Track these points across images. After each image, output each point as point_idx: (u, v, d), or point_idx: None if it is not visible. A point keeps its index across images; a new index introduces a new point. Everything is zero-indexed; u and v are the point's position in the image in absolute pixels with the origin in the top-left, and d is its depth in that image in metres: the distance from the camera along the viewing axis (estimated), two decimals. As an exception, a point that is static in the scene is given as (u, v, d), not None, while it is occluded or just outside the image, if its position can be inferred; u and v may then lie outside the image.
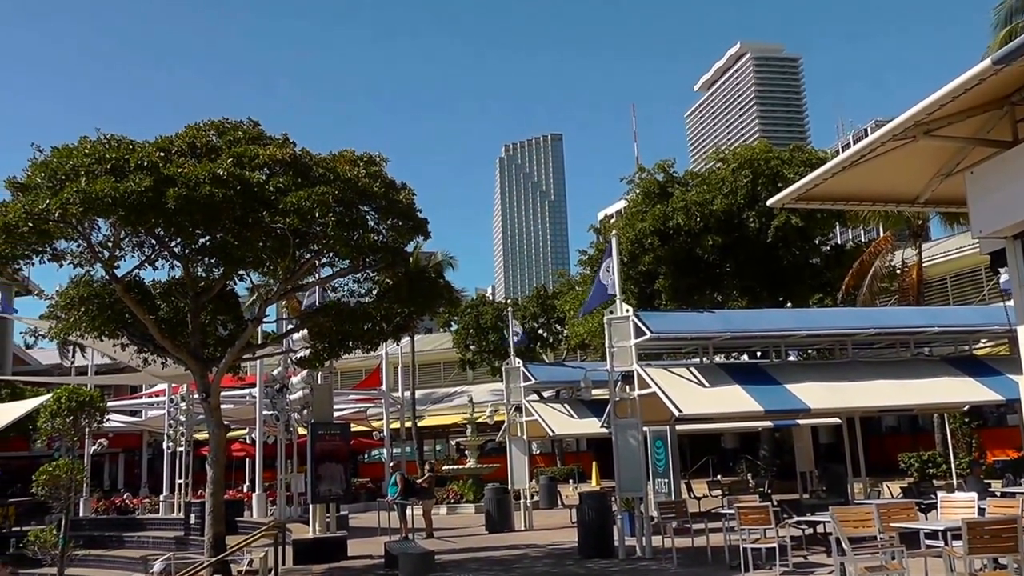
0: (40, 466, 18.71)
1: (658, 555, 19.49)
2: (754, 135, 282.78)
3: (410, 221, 19.94)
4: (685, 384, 19.91)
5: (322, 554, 22.50)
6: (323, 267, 21.64)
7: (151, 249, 19.51)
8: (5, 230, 16.98)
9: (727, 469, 44.56)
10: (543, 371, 32.82)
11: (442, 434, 59.38)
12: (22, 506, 37.62)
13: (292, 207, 17.08)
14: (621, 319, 20.96)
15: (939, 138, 8.45)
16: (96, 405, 18.91)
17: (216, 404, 20.53)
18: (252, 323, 21.62)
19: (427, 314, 24.01)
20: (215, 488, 20.07)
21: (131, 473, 59.76)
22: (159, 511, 35.08)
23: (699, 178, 38.99)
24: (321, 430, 24.10)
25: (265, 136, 19.22)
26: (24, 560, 28.53)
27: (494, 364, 53.16)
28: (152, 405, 44.23)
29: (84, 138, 17.71)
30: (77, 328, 19.61)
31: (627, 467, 20.33)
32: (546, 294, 58.16)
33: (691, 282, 36.92)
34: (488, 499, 29.36)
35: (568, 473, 47.58)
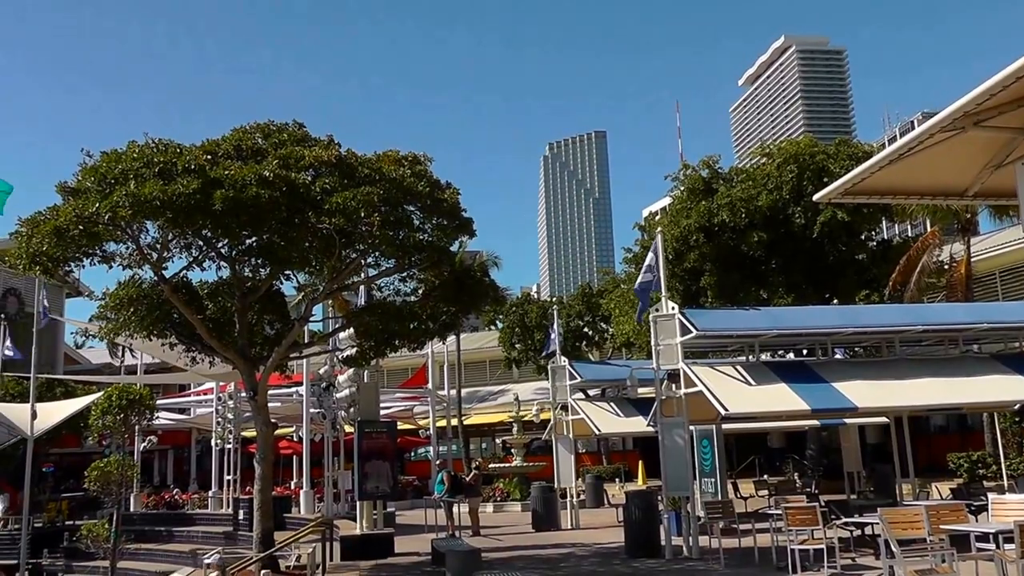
0: (92, 462, 18.98)
1: (705, 555, 19.45)
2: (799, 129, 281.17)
3: (455, 220, 19.99)
4: (731, 382, 19.76)
5: (369, 550, 22.62)
6: (369, 267, 21.70)
7: (199, 250, 19.71)
8: (56, 233, 17.20)
9: (774, 469, 44.25)
10: (589, 369, 32.76)
11: (488, 432, 59.42)
12: (75, 501, 38.31)
13: (338, 207, 17.17)
14: (667, 317, 20.90)
15: (989, 129, 8.34)
16: (145, 403, 19.14)
17: (263, 402, 20.69)
18: (299, 322, 21.76)
19: (472, 313, 24.08)
20: (263, 485, 20.22)
21: (180, 469, 60.29)
22: (208, 507, 35.47)
23: (744, 174, 38.77)
24: (368, 428, 24.23)
25: (310, 138, 19.35)
26: (78, 553, 29.02)
27: (539, 363, 53.11)
28: (200, 403, 44.61)
29: (132, 142, 17.91)
30: (126, 328, 19.88)
31: (673, 466, 20.28)
32: (591, 292, 57.99)
33: (736, 279, 36.68)
34: (534, 497, 29.41)
35: (614, 472, 47.43)
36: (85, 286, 56.02)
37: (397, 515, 30.00)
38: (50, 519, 36.47)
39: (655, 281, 21.72)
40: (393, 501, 28.57)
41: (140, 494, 37.80)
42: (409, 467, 54.94)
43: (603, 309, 50.62)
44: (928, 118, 8.37)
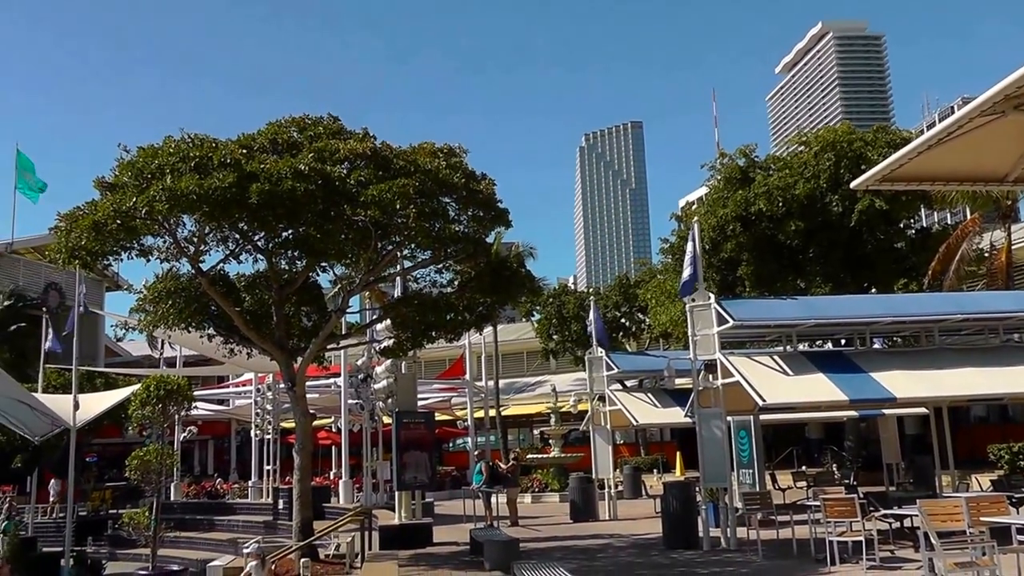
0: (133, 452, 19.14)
1: (743, 547, 19.39)
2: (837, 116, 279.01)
3: (491, 211, 20.00)
4: (768, 373, 19.66)
5: (408, 540, 22.70)
6: (405, 258, 21.76)
7: (235, 243, 19.85)
8: (95, 228, 17.40)
9: (812, 460, 44.05)
10: (626, 360, 32.69)
11: (526, 423, 59.44)
12: (118, 490, 38.86)
13: (373, 199, 17.24)
14: (703, 307, 20.80)
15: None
16: (183, 393, 19.28)
17: (301, 393, 20.82)
18: (336, 314, 21.87)
19: (509, 304, 24.11)
20: (302, 475, 20.37)
21: (220, 459, 60.86)
22: (248, 496, 35.83)
23: (781, 162, 38.53)
24: (406, 418, 24.31)
25: (345, 131, 19.43)
26: (121, 540, 29.36)
27: (576, 353, 53.10)
28: (239, 394, 45.07)
29: (168, 138, 18.07)
30: (165, 321, 20.06)
31: (711, 457, 20.22)
32: (628, 283, 57.89)
33: (773, 268, 36.50)
34: (572, 488, 29.41)
35: (652, 463, 47.37)
36: (124, 280, 56.65)
37: (435, 505, 30.11)
38: (94, 507, 36.98)
39: (695, 273, 21.58)
40: (431, 491, 28.66)
41: (181, 483, 38.17)
42: (447, 458, 55.08)
43: (640, 300, 50.53)
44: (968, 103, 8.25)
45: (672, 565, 18.35)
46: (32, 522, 30.46)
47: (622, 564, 18.90)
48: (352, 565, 18.60)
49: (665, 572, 17.61)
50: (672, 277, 40.38)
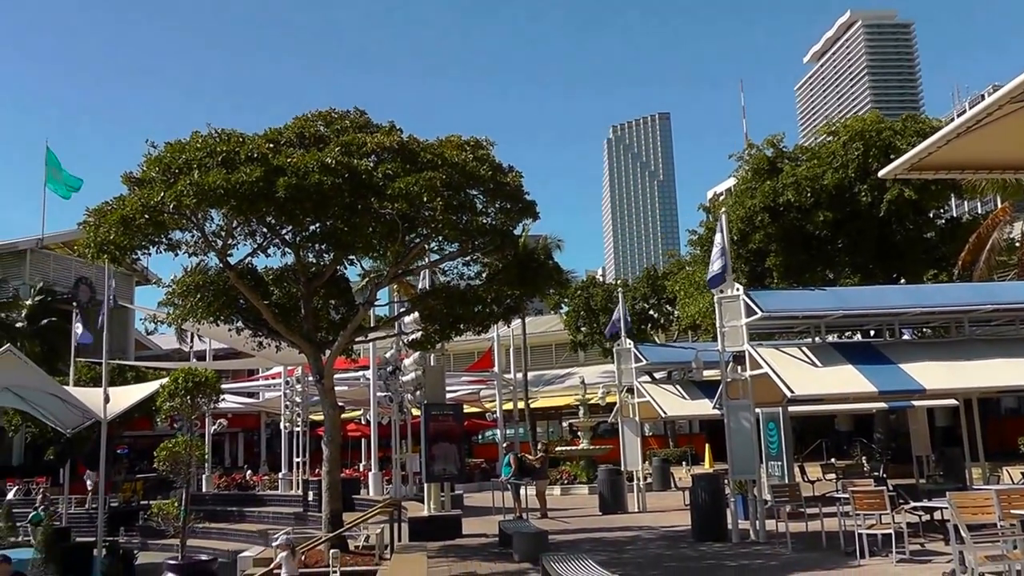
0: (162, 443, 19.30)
1: (772, 539, 19.33)
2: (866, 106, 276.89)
3: (518, 203, 19.98)
4: (797, 364, 19.56)
5: (437, 531, 22.76)
6: (432, 251, 21.79)
7: (263, 237, 19.98)
8: (123, 222, 17.52)
9: (841, 452, 43.88)
10: (654, 352, 32.61)
11: (555, 415, 59.51)
12: (149, 481, 39.15)
13: (400, 192, 17.25)
14: (731, 298, 20.73)
15: (1063, 99, 8.13)
16: (211, 386, 19.39)
17: (330, 386, 20.88)
18: (363, 307, 21.93)
19: (536, 296, 24.05)
20: (331, 467, 20.46)
21: (250, 452, 61.27)
22: (278, 488, 36.01)
23: (809, 152, 38.32)
24: (434, 411, 24.35)
25: (372, 124, 19.45)
26: (153, 531, 29.63)
27: (605, 345, 53.03)
28: (269, 387, 45.29)
29: (196, 133, 18.17)
30: (193, 314, 20.23)
31: (740, 449, 20.14)
32: (656, 275, 57.76)
33: (802, 259, 36.33)
34: (601, 480, 29.39)
35: (681, 455, 47.33)
36: (153, 274, 57.02)
37: (465, 497, 30.15)
38: (126, 499, 37.29)
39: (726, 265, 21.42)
40: (460, 483, 28.71)
41: (212, 475, 38.41)
42: (476, 450, 55.24)
43: (668, 291, 50.43)
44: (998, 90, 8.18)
45: (701, 557, 18.34)
46: (65, 513, 30.70)
47: (651, 556, 18.88)
48: (381, 556, 18.64)
49: (694, 564, 17.60)
50: (700, 268, 40.25)
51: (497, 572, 17.84)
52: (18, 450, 52.72)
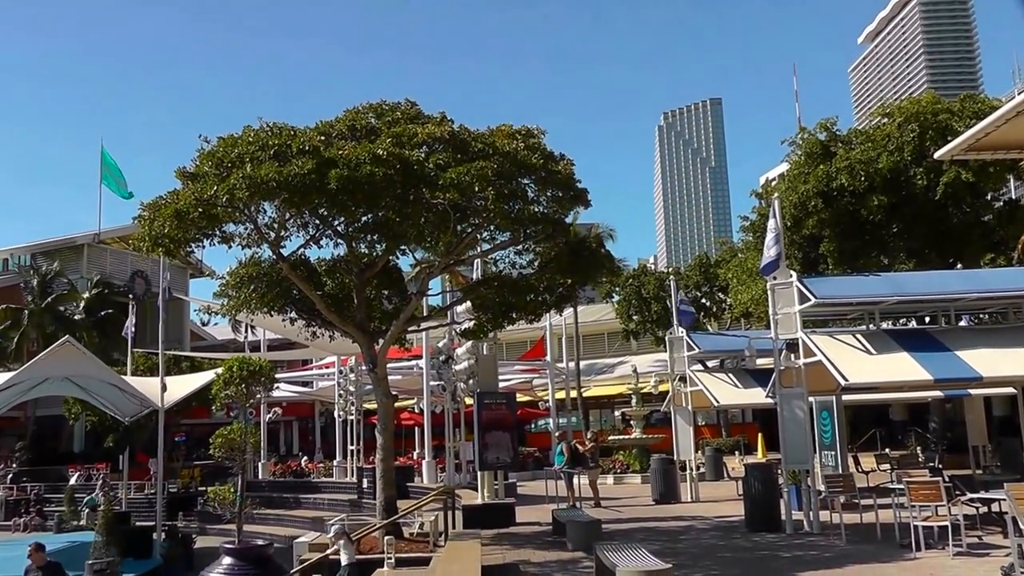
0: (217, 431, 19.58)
1: (826, 530, 19.24)
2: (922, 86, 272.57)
3: (570, 191, 19.94)
4: (851, 352, 19.41)
5: (491, 519, 22.88)
6: (484, 240, 21.84)
7: (315, 228, 20.17)
8: (177, 216, 17.81)
9: (895, 442, 43.45)
10: (707, 340, 32.50)
11: (607, 404, 59.41)
12: (206, 468, 39.74)
13: (452, 182, 17.31)
14: (785, 285, 20.61)
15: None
16: (266, 374, 19.60)
17: (383, 375, 21.03)
18: (416, 296, 22.05)
19: (588, 284, 24.04)
20: (385, 455, 20.63)
21: (305, 440, 61.84)
22: (332, 475, 36.31)
23: (863, 136, 37.80)
24: (487, 399, 24.46)
25: (423, 115, 19.52)
26: (210, 516, 30.06)
27: (657, 334, 52.85)
28: (322, 376, 45.63)
29: (248, 127, 18.39)
30: (247, 305, 20.45)
31: (793, 439, 20.05)
32: (708, 262, 57.40)
33: (856, 245, 35.88)
34: (654, 470, 29.38)
35: (733, 444, 47.12)
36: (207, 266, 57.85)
37: (518, 486, 30.24)
38: (184, 485, 37.88)
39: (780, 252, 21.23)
40: (513, 472, 28.79)
41: (267, 463, 38.83)
42: (529, 439, 55.29)
43: (721, 279, 50.14)
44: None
45: (754, 548, 18.31)
46: (125, 498, 31.21)
47: (704, 546, 18.88)
48: (436, 543, 18.75)
49: (747, 555, 17.58)
50: (753, 255, 39.96)
51: (551, 560, 17.92)
52: (79, 437, 53.69)
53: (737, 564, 16.67)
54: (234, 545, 16.94)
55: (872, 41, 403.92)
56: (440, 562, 15.29)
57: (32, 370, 24.88)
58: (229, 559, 15.96)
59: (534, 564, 17.55)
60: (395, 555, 16.25)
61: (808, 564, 16.24)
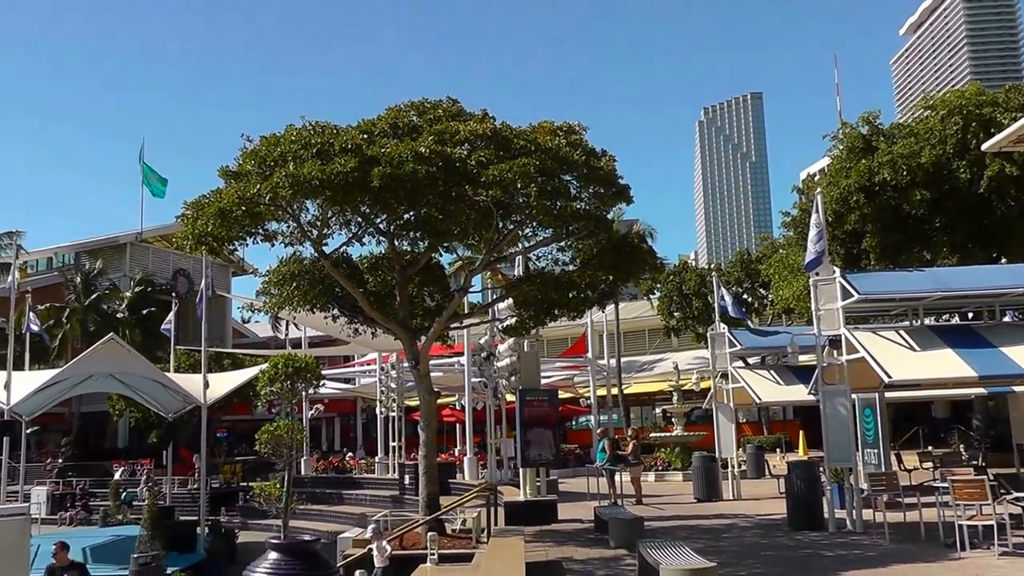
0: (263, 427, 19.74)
1: (869, 529, 19.10)
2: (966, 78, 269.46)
3: (612, 188, 19.93)
4: (894, 348, 19.25)
5: (533, 516, 22.92)
6: (526, 237, 21.85)
7: (357, 226, 20.28)
8: (220, 214, 17.97)
9: (937, 440, 43.04)
10: (748, 337, 32.29)
11: (647, 401, 59.28)
12: (248, 464, 40.06)
13: (494, 179, 17.35)
14: (827, 281, 20.48)
15: None
16: (311, 371, 19.71)
17: (425, 371, 21.11)
18: (458, 293, 22.13)
19: (630, 280, 24.04)
20: (428, 451, 20.70)
21: (347, 436, 62.18)
22: (374, 471, 36.47)
23: (906, 129, 37.46)
24: (529, 396, 24.49)
25: (464, 113, 19.54)
26: (252, 511, 30.30)
27: (698, 331, 52.71)
28: (364, 373, 45.90)
29: (290, 126, 18.50)
30: (290, 302, 20.63)
31: (836, 436, 19.91)
32: (750, 258, 57.19)
33: (898, 240, 35.52)
34: (696, 467, 29.25)
35: (775, 442, 46.89)
36: (249, 264, 58.39)
37: (559, 483, 30.25)
38: (226, 480, 38.17)
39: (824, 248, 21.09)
40: (555, 469, 28.80)
41: (310, 459, 39.09)
42: (571, 435, 55.31)
43: (762, 275, 49.91)
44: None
45: (797, 547, 18.22)
46: (169, 493, 31.51)
47: (747, 545, 18.82)
48: (478, 540, 18.84)
49: (790, 554, 17.50)
50: (795, 251, 39.74)
51: (593, 558, 17.93)
52: (123, 433, 54.24)
53: (780, 563, 16.60)
54: (280, 540, 17.04)
55: (914, 32, 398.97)
56: (484, 558, 15.35)
57: (77, 367, 25.21)
58: (275, 554, 16.04)
59: (577, 561, 17.57)
60: (438, 551, 16.34)
61: (852, 563, 16.14)
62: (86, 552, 23.21)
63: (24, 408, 25.06)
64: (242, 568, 17.88)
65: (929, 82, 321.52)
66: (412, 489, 27.87)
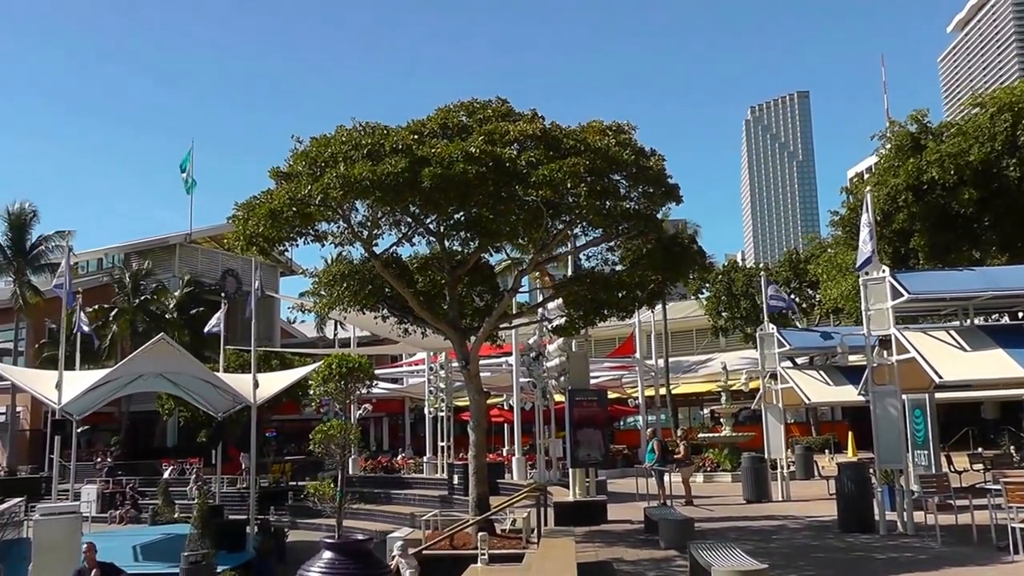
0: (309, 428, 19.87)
1: (920, 532, 19.00)
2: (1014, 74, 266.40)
3: (661, 187, 19.87)
4: (945, 348, 19.17)
5: (583, 517, 22.97)
6: (576, 237, 21.87)
7: (407, 226, 20.38)
8: (271, 215, 18.18)
9: (987, 441, 42.60)
10: (797, 337, 32.19)
11: (695, 402, 59.13)
12: (296, 463, 40.31)
13: (544, 179, 17.39)
14: (877, 280, 20.38)
15: None
16: (365, 371, 19.81)
17: (475, 371, 21.15)
18: (509, 293, 22.18)
19: (680, 280, 23.99)
20: (477, 451, 20.79)
21: (395, 436, 62.43)
22: (423, 471, 36.55)
23: (954, 127, 37.14)
24: (579, 396, 24.52)
25: (514, 113, 19.57)
26: (301, 510, 30.51)
27: (746, 331, 52.50)
28: (412, 373, 46.03)
29: (340, 127, 18.66)
30: (340, 303, 20.79)
31: (886, 437, 19.81)
32: (797, 258, 56.86)
33: (947, 239, 35.21)
34: (745, 468, 29.17)
35: (823, 443, 46.60)
36: (297, 264, 58.73)
37: (608, 483, 30.25)
38: (274, 479, 38.43)
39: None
40: (604, 469, 28.79)
41: (358, 458, 39.30)
42: (618, 436, 55.23)
43: (810, 275, 49.65)
44: None
45: (848, 549, 18.15)
46: (218, 492, 31.76)
47: (797, 546, 18.75)
48: (528, 540, 18.85)
49: (841, 556, 17.43)
50: (843, 251, 39.55)
51: (644, 559, 17.95)
52: (172, 432, 54.77)
53: (831, 565, 16.54)
54: (334, 540, 17.13)
55: (962, 29, 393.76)
56: (536, 559, 15.40)
57: (128, 367, 25.44)
58: (330, 553, 16.10)
59: (627, 562, 17.60)
60: (488, 551, 16.39)
61: (903, 566, 16.05)
62: (136, 550, 23.54)
63: (75, 407, 25.29)
64: (291, 567, 18.03)
65: (977, 79, 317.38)
66: (461, 489, 27.94)
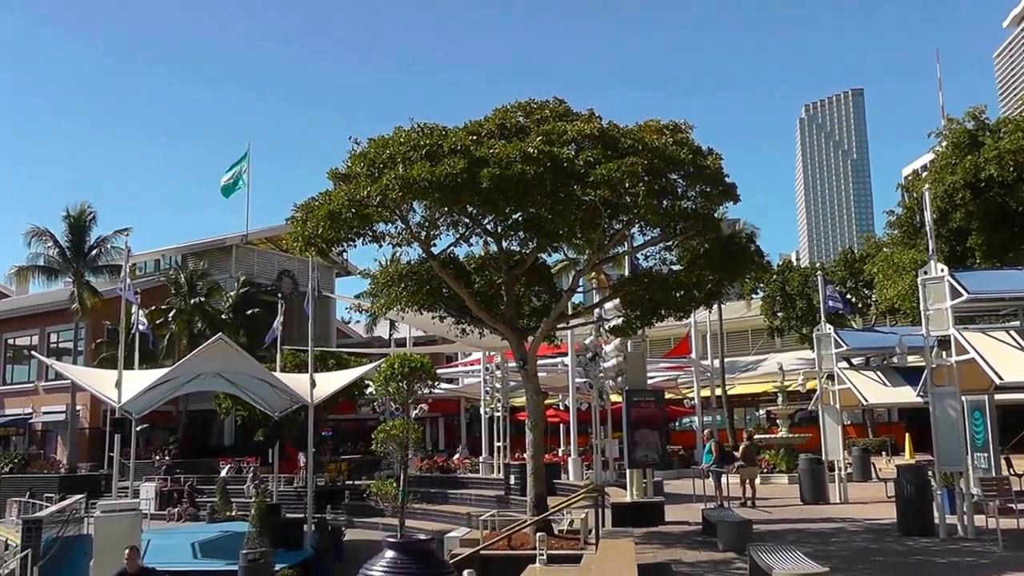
0: (365, 428, 20.02)
1: (981, 536, 18.74)
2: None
3: (718, 186, 19.86)
4: (1005, 349, 18.91)
5: (640, 518, 22.89)
6: (633, 237, 21.83)
7: (465, 227, 20.51)
8: (330, 217, 18.38)
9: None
10: (854, 337, 31.89)
11: (751, 402, 58.67)
12: (353, 462, 40.57)
13: (602, 179, 17.46)
14: (936, 280, 20.13)
15: None
16: (427, 371, 19.93)
17: (533, 371, 21.23)
18: (566, 293, 22.19)
19: (737, 280, 23.87)
20: (535, 451, 20.82)
21: (450, 436, 62.58)
22: (479, 471, 36.65)
23: (1012, 124, 36.61)
24: (636, 397, 24.44)
25: (571, 112, 19.64)
26: (358, 509, 30.70)
27: (802, 331, 52.05)
28: (468, 373, 46.20)
29: (399, 128, 18.81)
30: (398, 303, 20.89)
31: (946, 439, 19.55)
32: (853, 257, 56.30)
33: (1005, 237, 34.69)
34: (802, 470, 28.93)
35: (880, 444, 46.13)
36: (353, 265, 59.08)
37: (664, 484, 30.18)
38: (331, 479, 38.73)
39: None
40: (660, 470, 28.73)
41: (414, 458, 39.51)
42: (674, 437, 55.02)
43: (866, 274, 49.17)
44: None
45: (908, 553, 17.95)
46: (276, 491, 32.05)
47: (856, 550, 18.58)
48: (587, 541, 18.88)
49: (901, 560, 17.24)
50: (899, 250, 39.14)
51: (702, 561, 17.88)
52: (229, 431, 55.26)
53: (892, 569, 16.37)
54: (397, 539, 17.23)
55: (1018, 25, 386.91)
56: (596, 560, 15.37)
57: (186, 366, 25.78)
58: (392, 552, 16.19)
59: (686, 564, 17.53)
60: (547, 551, 16.43)
61: (965, 571, 15.87)
62: (195, 547, 23.85)
63: (134, 406, 25.61)
64: (348, 566, 18.19)
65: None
66: (517, 489, 28.03)
